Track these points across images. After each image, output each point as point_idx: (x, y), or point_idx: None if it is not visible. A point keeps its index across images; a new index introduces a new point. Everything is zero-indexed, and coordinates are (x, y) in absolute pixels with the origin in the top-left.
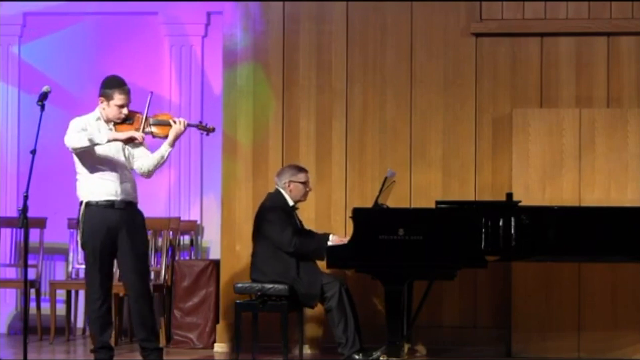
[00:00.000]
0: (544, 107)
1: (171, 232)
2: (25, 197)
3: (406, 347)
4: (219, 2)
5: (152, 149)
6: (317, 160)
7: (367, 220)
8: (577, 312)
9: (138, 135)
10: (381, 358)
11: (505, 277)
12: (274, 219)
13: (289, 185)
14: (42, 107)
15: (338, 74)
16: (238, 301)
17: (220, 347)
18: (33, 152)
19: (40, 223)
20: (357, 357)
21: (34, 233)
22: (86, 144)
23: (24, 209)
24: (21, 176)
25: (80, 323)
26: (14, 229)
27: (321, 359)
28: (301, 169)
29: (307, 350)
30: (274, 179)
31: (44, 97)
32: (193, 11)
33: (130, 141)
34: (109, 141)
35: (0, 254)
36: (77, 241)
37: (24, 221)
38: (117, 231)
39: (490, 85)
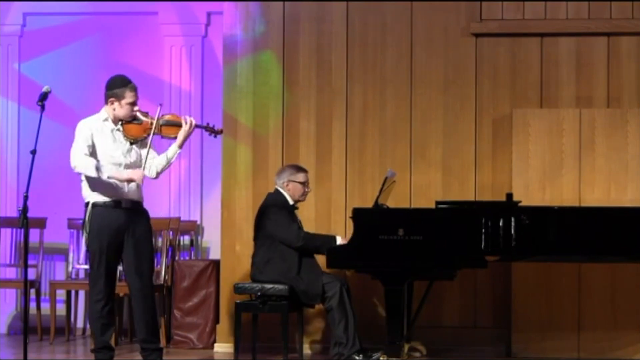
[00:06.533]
0: (544, 107)
1: (171, 232)
2: (25, 197)
3: (406, 347)
4: (219, 2)
5: (160, 149)
6: (317, 160)
7: (367, 220)
8: (577, 312)
9: (137, 177)
10: (381, 358)
11: (505, 277)
12: (277, 217)
13: (287, 185)
14: (42, 107)
15: (338, 74)
16: (238, 301)
17: (220, 347)
18: (33, 152)
19: (40, 223)
20: (357, 357)
21: (34, 233)
22: (92, 174)
23: (24, 209)
24: (21, 176)
25: (80, 323)
26: (14, 229)
27: (321, 359)
28: (300, 169)
29: (307, 350)
30: (274, 178)
31: (44, 97)
32: (193, 11)
33: (130, 181)
34: (108, 177)
35: (0, 254)
36: (77, 241)
37: (24, 221)
38: (124, 231)
39: (490, 85)
